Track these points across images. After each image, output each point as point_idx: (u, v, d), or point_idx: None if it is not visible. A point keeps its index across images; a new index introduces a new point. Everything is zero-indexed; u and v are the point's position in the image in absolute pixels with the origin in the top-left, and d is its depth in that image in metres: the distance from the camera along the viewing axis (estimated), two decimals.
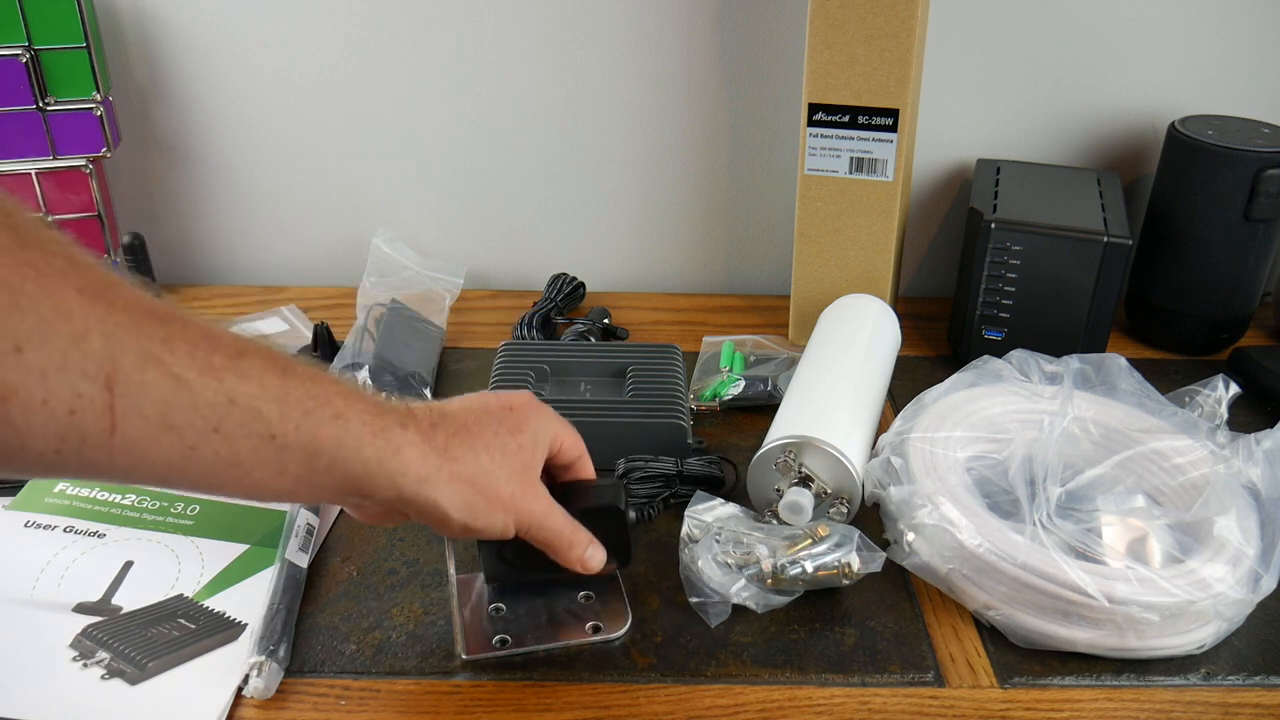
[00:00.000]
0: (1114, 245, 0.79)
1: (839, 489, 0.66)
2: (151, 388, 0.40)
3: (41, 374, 0.37)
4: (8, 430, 0.37)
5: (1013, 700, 0.57)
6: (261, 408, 0.43)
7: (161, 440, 0.41)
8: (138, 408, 0.40)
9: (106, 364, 0.39)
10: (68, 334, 0.38)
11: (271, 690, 0.56)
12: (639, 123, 0.97)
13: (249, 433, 0.43)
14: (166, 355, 0.40)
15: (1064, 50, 0.93)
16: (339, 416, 0.46)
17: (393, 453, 0.48)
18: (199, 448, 0.42)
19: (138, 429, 0.40)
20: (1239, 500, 0.63)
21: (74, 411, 0.38)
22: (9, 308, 0.36)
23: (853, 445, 0.67)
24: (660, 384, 0.77)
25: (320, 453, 0.45)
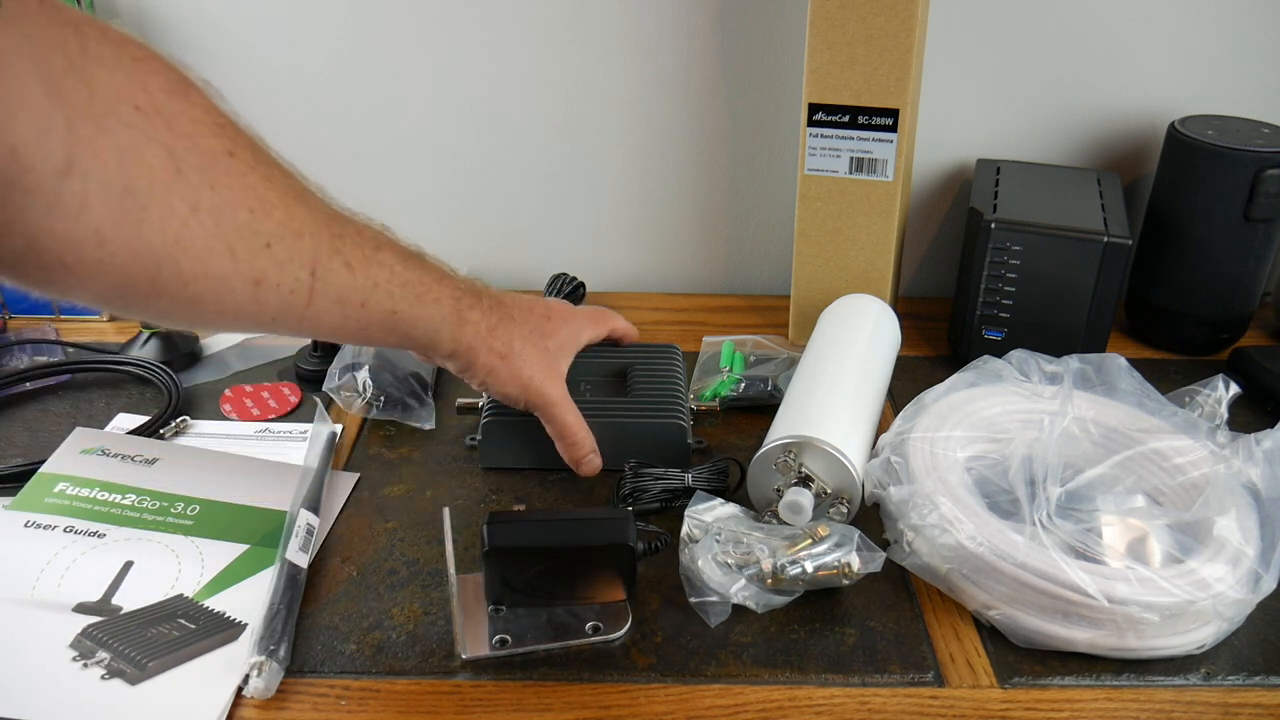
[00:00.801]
0: (1114, 245, 0.79)
1: (839, 489, 0.66)
2: (335, 274, 0.54)
3: (279, 264, 0.50)
4: (253, 306, 0.50)
5: (1013, 700, 0.57)
6: (393, 291, 0.58)
7: (333, 311, 0.55)
8: (326, 289, 0.54)
9: (311, 256, 0.52)
10: (294, 233, 0.51)
11: (271, 690, 0.56)
12: (639, 123, 0.97)
13: (381, 309, 0.58)
14: (342, 248, 0.54)
15: (1064, 50, 0.93)
16: (437, 300, 0.62)
17: (459, 324, 0.64)
18: (351, 316, 0.56)
19: (322, 304, 0.54)
20: (1239, 500, 0.63)
21: (293, 292, 0.52)
22: (261, 214, 0.49)
23: (853, 445, 0.67)
24: (661, 384, 0.77)
25: (417, 323, 0.61)
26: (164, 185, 0.44)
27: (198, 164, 0.46)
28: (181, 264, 0.46)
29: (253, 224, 0.48)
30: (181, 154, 0.45)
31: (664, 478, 0.69)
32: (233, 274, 0.48)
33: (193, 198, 0.45)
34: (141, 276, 0.45)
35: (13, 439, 0.78)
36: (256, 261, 0.49)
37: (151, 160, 0.43)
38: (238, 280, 0.49)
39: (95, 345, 0.89)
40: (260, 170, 0.50)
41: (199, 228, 0.46)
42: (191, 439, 0.79)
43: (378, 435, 0.79)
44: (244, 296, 0.50)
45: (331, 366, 0.81)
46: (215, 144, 0.47)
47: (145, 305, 0.48)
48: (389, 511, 0.71)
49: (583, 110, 0.96)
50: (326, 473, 0.73)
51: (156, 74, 0.45)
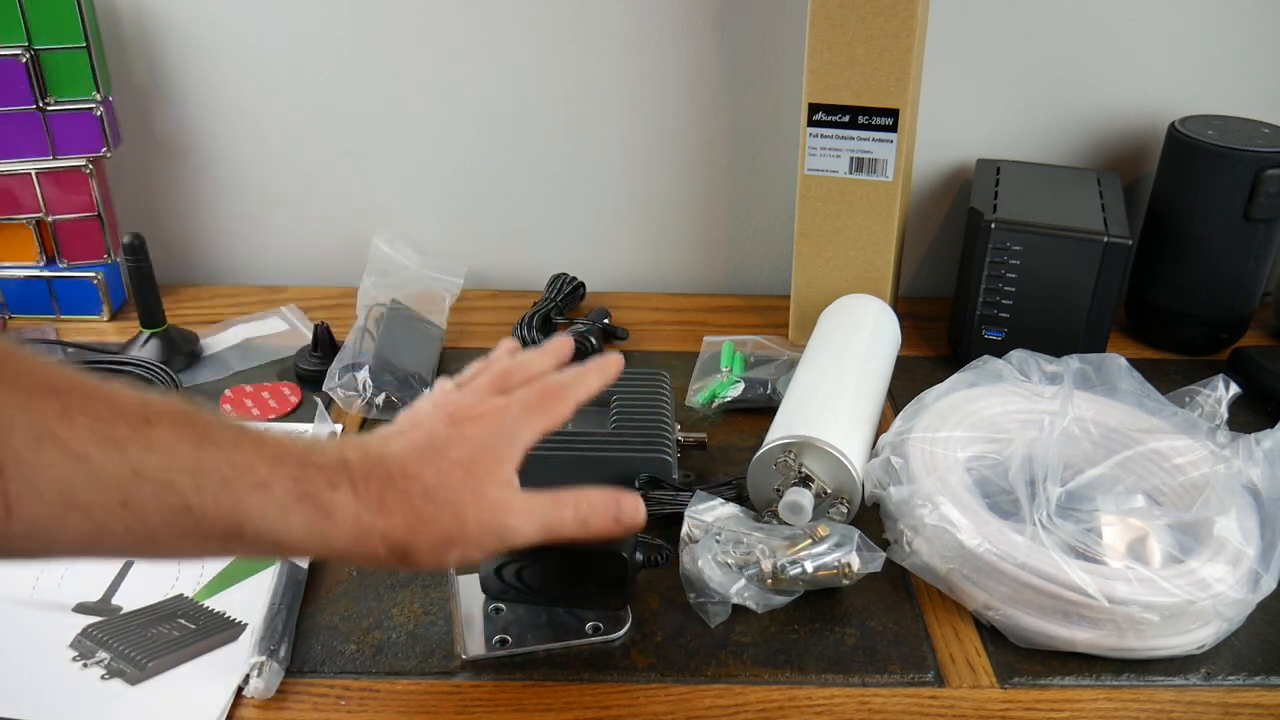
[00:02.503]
0: (1114, 245, 0.79)
1: (839, 489, 0.66)
2: (47, 467, 0.37)
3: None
4: None
5: (1013, 700, 0.57)
6: (173, 479, 0.40)
7: (66, 519, 0.38)
8: (34, 489, 0.37)
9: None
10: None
11: (272, 690, 0.56)
12: (639, 123, 0.97)
13: (161, 506, 0.40)
14: (64, 431, 0.38)
15: (1064, 50, 0.93)
16: (261, 485, 0.43)
17: (323, 517, 0.44)
18: (107, 524, 0.39)
19: (37, 511, 0.38)
20: (1239, 500, 0.63)
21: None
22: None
23: (853, 445, 0.67)
24: (646, 414, 0.73)
25: (244, 524, 0.42)
26: None
27: None
28: None
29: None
30: None
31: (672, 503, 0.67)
32: None
33: None
34: None
35: None
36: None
37: None
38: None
39: (95, 345, 0.89)
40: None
41: None
42: None
43: None
44: None
45: (331, 366, 0.81)
46: None
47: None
48: None
49: (583, 110, 0.96)
50: None
51: None
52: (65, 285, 0.94)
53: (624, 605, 0.61)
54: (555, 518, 0.51)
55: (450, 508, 0.48)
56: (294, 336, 0.92)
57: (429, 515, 0.47)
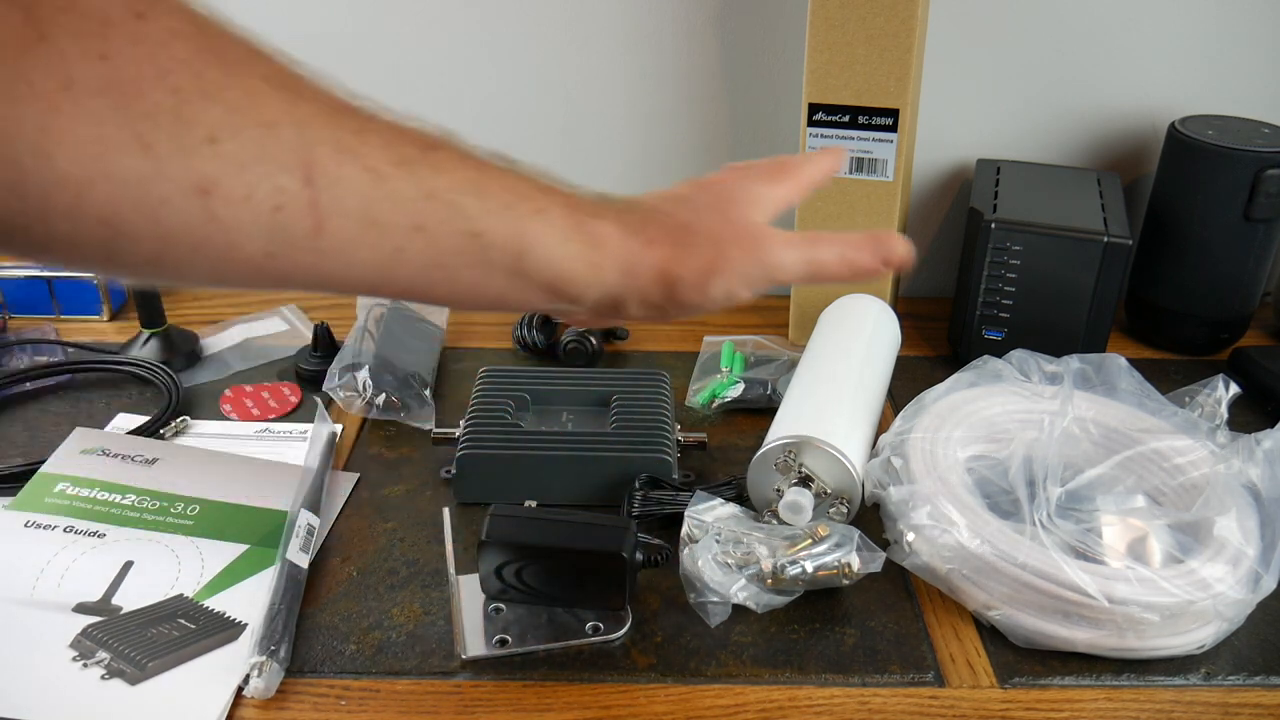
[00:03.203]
0: (1114, 245, 0.79)
1: (839, 489, 0.66)
2: (350, 182, 0.38)
3: (240, 165, 0.35)
4: (215, 229, 0.36)
5: (1013, 700, 0.57)
6: (461, 201, 0.40)
7: (366, 239, 0.38)
8: (339, 203, 0.37)
9: (304, 155, 0.37)
10: (260, 123, 0.36)
11: (272, 690, 0.56)
12: (639, 123, 0.97)
13: (452, 230, 0.40)
14: (361, 147, 0.38)
15: (1064, 50, 0.93)
16: (540, 211, 0.42)
17: (594, 246, 0.44)
18: (404, 248, 0.39)
19: (343, 228, 0.38)
20: (1239, 500, 0.63)
21: (279, 208, 0.36)
22: (197, 95, 0.35)
23: (853, 445, 0.67)
24: (646, 414, 0.74)
25: (527, 251, 0.42)
26: (12, 54, 0.32)
27: (74, 27, 0.33)
28: (57, 161, 0.33)
29: (180, 109, 0.34)
30: (47, 13, 0.32)
31: (672, 503, 0.68)
32: (155, 177, 0.34)
33: (65, 72, 0.32)
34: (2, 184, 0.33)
35: (13, 439, 0.78)
36: (192, 160, 0.34)
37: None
38: (167, 187, 0.34)
39: (95, 345, 0.89)
40: (199, 40, 0.35)
41: (76, 112, 0.32)
42: (191, 439, 0.79)
43: (378, 435, 0.79)
44: (190, 214, 0.35)
45: (331, 366, 0.81)
46: (112, 2, 0.33)
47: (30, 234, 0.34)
48: (389, 511, 0.71)
49: (583, 110, 0.96)
50: (326, 473, 0.73)
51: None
52: (65, 285, 0.94)
53: (624, 605, 0.61)
54: (816, 254, 0.49)
55: (710, 237, 0.47)
56: (294, 336, 0.92)
57: (690, 244, 0.46)
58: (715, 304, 0.47)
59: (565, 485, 0.70)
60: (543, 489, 0.70)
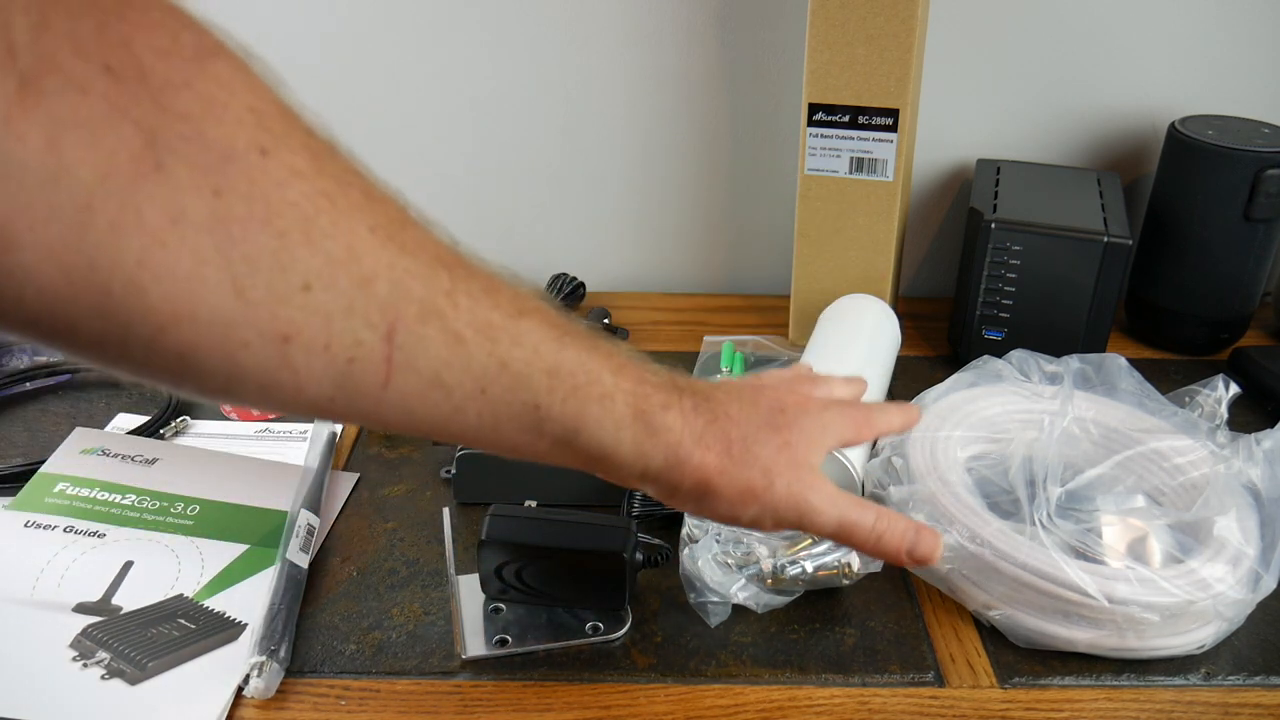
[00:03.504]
0: (1114, 245, 0.79)
1: None
2: (430, 343, 0.38)
3: (327, 317, 0.35)
4: (287, 374, 0.36)
5: (1013, 700, 0.57)
6: (532, 377, 0.41)
7: (429, 397, 0.39)
8: (413, 361, 0.38)
9: (390, 313, 0.37)
10: (356, 277, 0.36)
11: (272, 690, 0.56)
12: (639, 123, 0.97)
13: (514, 399, 0.41)
14: (449, 309, 0.38)
15: (1064, 50, 0.93)
16: (605, 397, 0.44)
17: (649, 435, 0.45)
18: (464, 408, 0.40)
19: (410, 384, 0.38)
20: (1239, 500, 0.63)
21: (353, 360, 0.36)
22: (302, 242, 0.34)
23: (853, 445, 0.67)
24: None
25: (580, 431, 0.43)
26: (126, 180, 0.31)
27: (194, 158, 0.32)
28: (149, 295, 0.32)
29: (281, 253, 0.34)
30: (169, 141, 0.31)
31: None
32: (241, 322, 0.34)
33: (176, 204, 0.32)
34: (84, 306, 0.32)
35: (13, 439, 0.78)
36: (281, 309, 0.34)
37: (112, 145, 0.31)
38: (250, 333, 0.34)
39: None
40: (316, 182, 0.35)
41: (180, 246, 0.32)
42: (191, 439, 0.79)
43: (378, 435, 0.79)
44: (266, 359, 0.35)
45: None
46: (236, 134, 0.33)
47: (108, 354, 0.34)
48: (389, 511, 0.71)
49: (583, 110, 0.96)
50: (326, 473, 0.73)
51: (156, 29, 0.32)
52: None
53: (624, 605, 0.61)
54: (856, 517, 0.49)
55: (761, 465, 0.47)
56: None
57: (741, 464, 0.47)
58: (738, 524, 0.48)
59: (564, 485, 0.70)
60: (542, 488, 0.70)
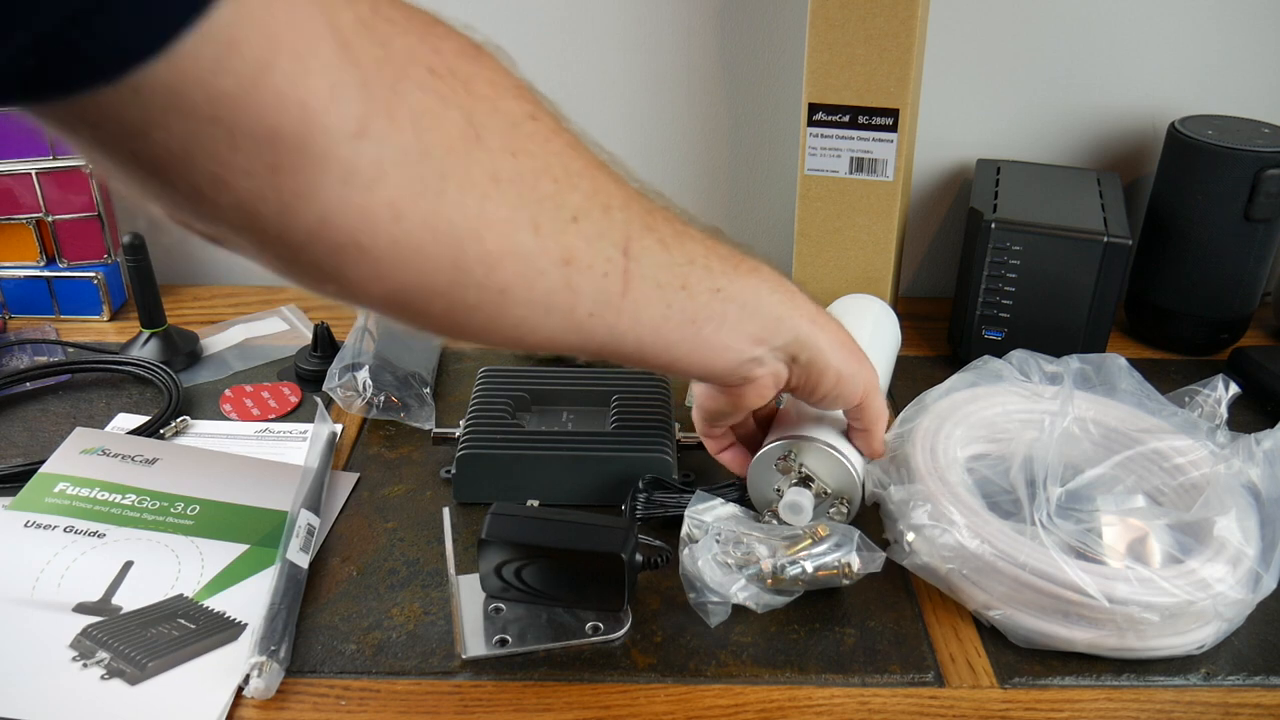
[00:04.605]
0: (1114, 245, 0.79)
1: (839, 489, 0.66)
2: (650, 252, 0.47)
3: (589, 240, 0.44)
4: (567, 293, 0.44)
5: (1013, 700, 0.57)
6: (711, 264, 0.50)
7: (653, 299, 0.47)
8: (641, 268, 0.46)
9: (623, 232, 0.46)
10: (602, 205, 0.45)
11: (272, 690, 0.56)
12: (639, 123, 0.97)
13: (703, 288, 0.50)
14: (656, 224, 0.48)
15: (1064, 50, 0.93)
16: (755, 270, 0.53)
17: (789, 297, 0.55)
18: (672, 304, 0.48)
19: (640, 289, 0.46)
20: (1239, 500, 0.63)
21: (606, 275, 0.45)
22: (567, 184, 0.43)
23: (853, 445, 0.67)
24: (646, 414, 0.74)
25: (747, 301, 0.52)
26: (463, 152, 0.40)
27: (498, 129, 0.41)
28: (486, 240, 0.41)
29: (557, 195, 0.43)
30: (480, 118, 0.40)
31: (673, 504, 0.68)
32: (539, 252, 0.42)
33: (493, 166, 0.40)
34: (444, 259, 0.40)
35: (13, 439, 0.78)
36: (563, 237, 0.43)
37: (449, 126, 0.39)
38: (545, 260, 0.43)
39: (95, 345, 0.89)
40: (563, 137, 0.44)
41: (500, 199, 0.41)
42: (191, 439, 0.79)
43: (378, 435, 0.79)
44: (555, 281, 0.43)
45: (331, 367, 0.81)
46: (515, 107, 0.42)
47: (448, 300, 0.42)
48: (389, 511, 0.71)
49: (582, 110, 0.96)
50: (326, 473, 0.73)
51: (447, 37, 0.41)
52: (65, 285, 0.94)
53: (624, 605, 0.61)
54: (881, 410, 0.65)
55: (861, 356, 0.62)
56: (294, 336, 0.92)
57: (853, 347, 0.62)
58: (828, 390, 0.59)
59: (565, 485, 0.70)
60: (543, 489, 0.70)
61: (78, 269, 0.94)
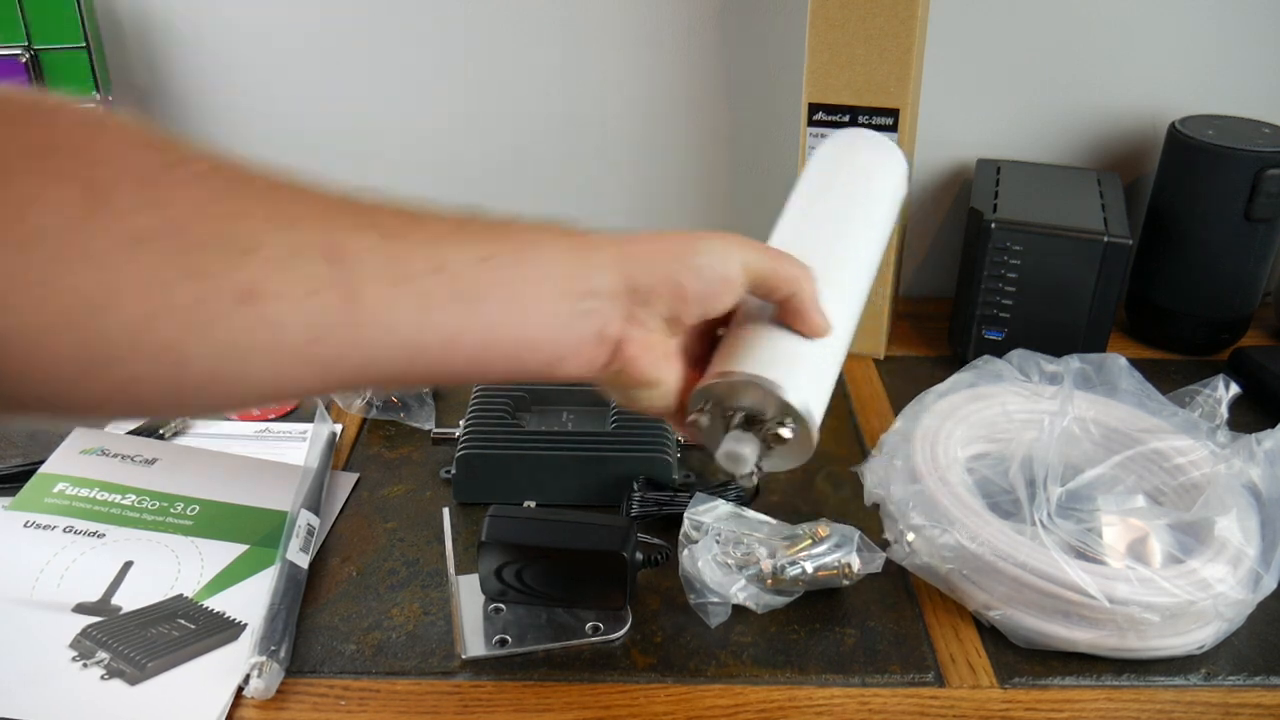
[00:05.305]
0: (1114, 245, 0.79)
1: (776, 411, 0.49)
2: (374, 249, 0.41)
3: (276, 265, 0.39)
4: (261, 329, 0.38)
5: (1013, 700, 0.57)
6: (467, 238, 0.44)
7: (398, 295, 0.41)
8: (365, 269, 0.40)
9: (326, 239, 0.40)
10: (287, 224, 0.40)
11: (272, 690, 0.56)
12: (639, 123, 0.97)
13: (466, 260, 0.43)
14: (375, 217, 0.42)
15: (1064, 50, 0.93)
16: (533, 228, 0.48)
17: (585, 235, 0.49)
18: (432, 292, 0.42)
19: (375, 291, 0.40)
20: (1239, 500, 0.63)
21: (314, 293, 0.39)
22: (233, 216, 0.39)
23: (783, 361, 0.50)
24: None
25: (535, 257, 0.46)
26: (84, 224, 0.36)
27: (129, 188, 0.37)
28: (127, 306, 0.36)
29: (221, 232, 0.38)
30: (104, 184, 0.37)
31: (671, 503, 0.67)
32: (207, 297, 0.37)
33: (128, 227, 0.37)
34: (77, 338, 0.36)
35: (13, 439, 0.78)
36: (237, 273, 0.38)
37: (65, 203, 0.36)
38: (218, 303, 0.38)
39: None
40: (222, 174, 0.40)
41: (143, 259, 0.37)
42: (191, 439, 0.79)
43: (378, 435, 0.79)
44: (241, 321, 0.38)
45: None
46: (148, 159, 0.38)
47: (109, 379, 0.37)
48: (389, 511, 0.71)
49: (582, 110, 0.96)
50: (326, 473, 0.73)
51: (58, 112, 0.38)
52: None
53: (624, 605, 0.61)
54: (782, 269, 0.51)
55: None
56: None
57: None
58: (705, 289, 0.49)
59: (565, 485, 0.70)
60: (542, 489, 0.70)
61: None
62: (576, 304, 0.46)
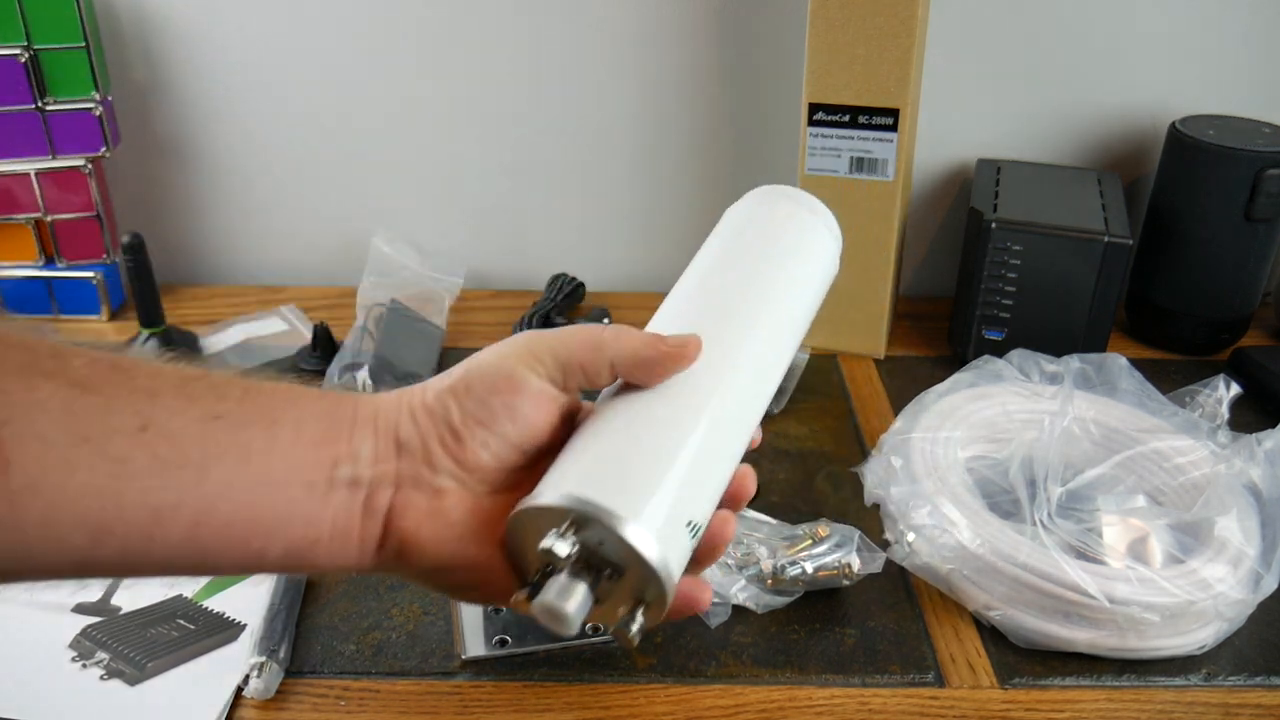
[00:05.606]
0: (1114, 245, 0.79)
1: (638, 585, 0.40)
2: (43, 406, 0.32)
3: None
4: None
5: (1013, 701, 0.57)
6: (196, 390, 0.35)
7: (79, 459, 0.32)
8: (27, 428, 0.31)
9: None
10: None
11: (272, 691, 0.56)
12: (639, 122, 0.97)
13: (188, 419, 0.34)
14: (64, 368, 0.34)
15: (1064, 50, 0.93)
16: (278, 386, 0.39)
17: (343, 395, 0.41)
18: (130, 459, 0.33)
19: (35, 454, 0.31)
20: (1240, 500, 0.63)
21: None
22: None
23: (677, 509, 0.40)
24: None
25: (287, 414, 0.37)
26: None
27: None
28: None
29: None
30: None
31: None
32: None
33: None
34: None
35: None
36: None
37: None
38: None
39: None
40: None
41: None
42: None
43: None
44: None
45: (331, 367, 0.80)
46: None
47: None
48: None
49: (582, 110, 0.96)
50: None
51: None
52: (64, 285, 0.94)
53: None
54: None
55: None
56: (294, 336, 0.92)
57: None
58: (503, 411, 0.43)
59: None
60: None
61: (76, 269, 0.93)
62: (335, 470, 0.37)
